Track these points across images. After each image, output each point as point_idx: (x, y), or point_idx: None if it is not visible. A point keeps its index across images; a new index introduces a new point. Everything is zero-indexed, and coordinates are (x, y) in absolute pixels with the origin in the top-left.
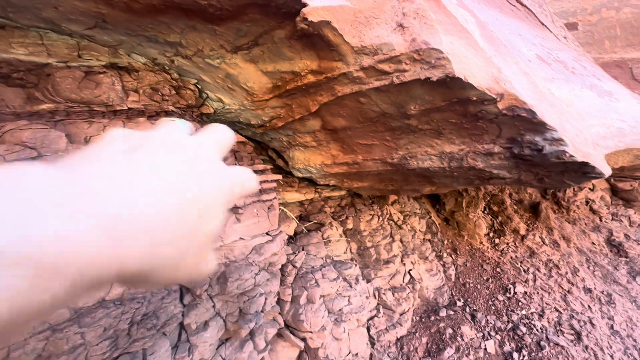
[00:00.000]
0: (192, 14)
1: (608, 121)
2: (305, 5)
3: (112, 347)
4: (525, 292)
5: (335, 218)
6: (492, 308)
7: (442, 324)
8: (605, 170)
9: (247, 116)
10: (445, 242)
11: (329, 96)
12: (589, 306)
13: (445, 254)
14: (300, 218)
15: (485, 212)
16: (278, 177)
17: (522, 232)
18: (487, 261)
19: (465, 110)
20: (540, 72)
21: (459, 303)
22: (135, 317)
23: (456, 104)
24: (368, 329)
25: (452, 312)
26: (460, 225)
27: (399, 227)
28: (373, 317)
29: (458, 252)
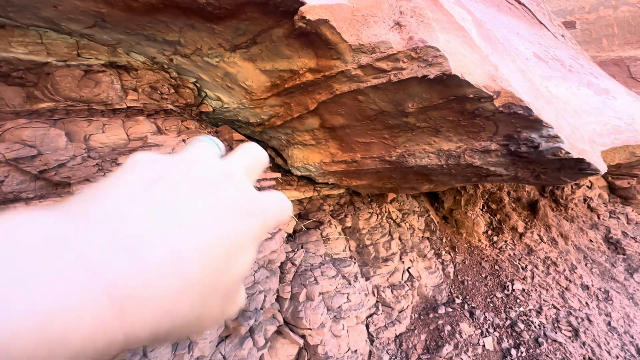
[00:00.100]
0: (190, 12)
1: (604, 119)
2: (303, 3)
3: None
4: (524, 290)
5: (334, 216)
6: (491, 305)
7: (440, 321)
8: (601, 166)
9: (246, 115)
10: (443, 240)
11: (328, 94)
12: (587, 303)
13: (444, 252)
14: (299, 216)
15: (484, 210)
16: (277, 175)
17: (520, 229)
18: (486, 259)
19: (462, 108)
20: (537, 70)
21: (458, 300)
22: None
23: (453, 101)
24: (367, 326)
25: (450, 310)
26: (459, 223)
27: (398, 225)
28: (372, 314)
29: (456, 250)
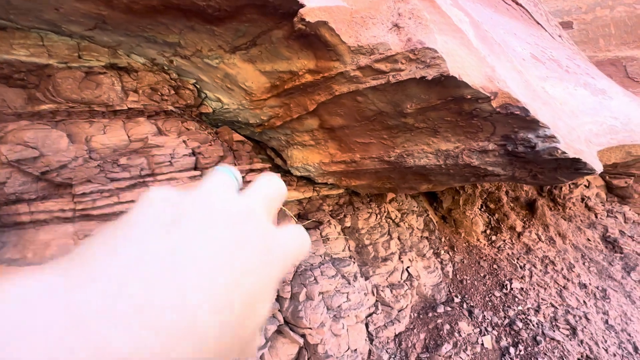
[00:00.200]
0: (190, 14)
1: (601, 119)
2: (302, 5)
3: None
4: (522, 288)
5: (334, 216)
6: (489, 304)
7: (439, 320)
8: (597, 166)
9: (246, 115)
10: (442, 239)
11: (327, 95)
12: (584, 301)
13: (443, 251)
14: (298, 216)
15: (482, 209)
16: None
17: (519, 229)
18: (484, 258)
19: (460, 109)
20: (534, 70)
21: (457, 299)
22: None
23: (451, 102)
24: (367, 326)
25: (449, 309)
26: (458, 223)
27: (397, 224)
28: (371, 313)
29: (455, 249)
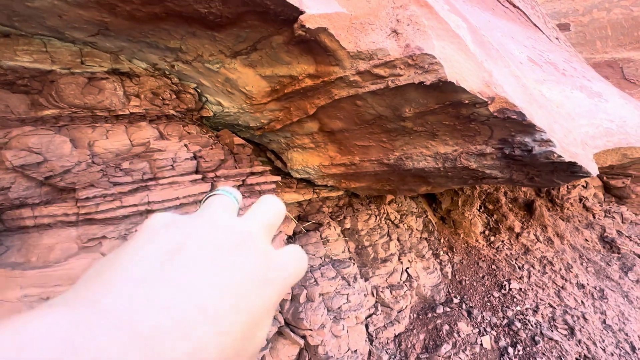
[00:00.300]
0: (192, 21)
1: (597, 121)
2: (302, 12)
3: None
4: (520, 289)
5: (333, 218)
6: (488, 304)
7: (439, 321)
8: (593, 169)
9: (246, 119)
10: (441, 240)
11: (326, 99)
12: (582, 301)
13: (442, 252)
14: (299, 218)
15: (481, 210)
16: (277, 178)
17: (517, 229)
18: (483, 259)
19: (458, 113)
20: (531, 74)
21: (456, 300)
22: None
23: (449, 106)
24: (367, 327)
25: (448, 309)
26: (457, 224)
27: (396, 226)
28: (371, 314)
29: (454, 250)
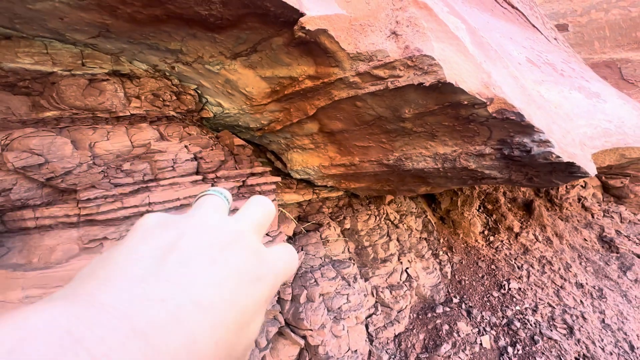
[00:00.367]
0: (193, 23)
1: (595, 122)
2: (302, 14)
3: None
4: (520, 288)
5: (333, 218)
6: (487, 304)
7: (438, 321)
8: (591, 169)
9: (246, 120)
10: (441, 240)
11: (326, 100)
12: (581, 301)
13: (441, 252)
14: (298, 219)
15: (480, 210)
16: (277, 179)
17: (516, 229)
18: (482, 258)
19: (457, 114)
20: (529, 74)
21: (455, 300)
22: None
23: (448, 107)
24: (367, 327)
25: (448, 309)
26: (456, 224)
27: (396, 226)
28: (371, 314)
29: (454, 250)
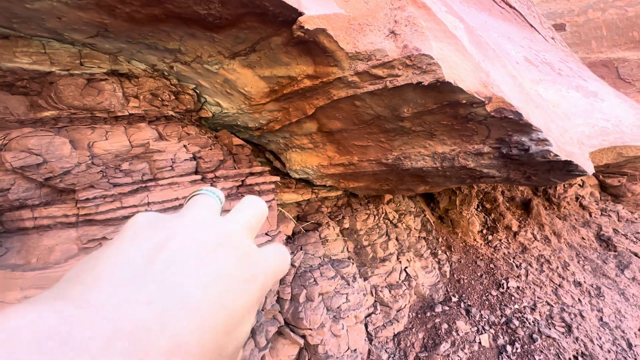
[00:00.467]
0: (191, 22)
1: (593, 121)
2: (301, 14)
3: None
4: (518, 287)
5: (332, 218)
6: (486, 303)
7: (437, 320)
8: (589, 168)
9: (245, 119)
10: (439, 239)
11: (325, 100)
12: (579, 299)
13: (440, 251)
14: (297, 218)
15: (479, 209)
16: (276, 178)
17: (515, 228)
18: (481, 257)
19: (455, 113)
20: (527, 74)
21: (454, 299)
22: None
23: (447, 106)
24: (366, 326)
25: (447, 308)
26: (454, 223)
27: (395, 225)
28: (370, 314)
29: (452, 249)
